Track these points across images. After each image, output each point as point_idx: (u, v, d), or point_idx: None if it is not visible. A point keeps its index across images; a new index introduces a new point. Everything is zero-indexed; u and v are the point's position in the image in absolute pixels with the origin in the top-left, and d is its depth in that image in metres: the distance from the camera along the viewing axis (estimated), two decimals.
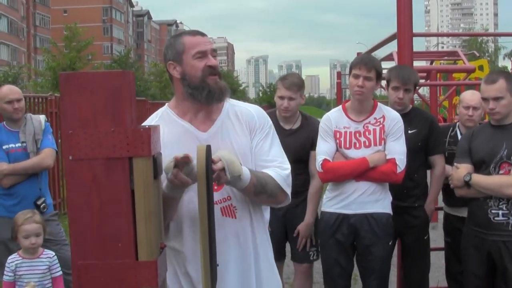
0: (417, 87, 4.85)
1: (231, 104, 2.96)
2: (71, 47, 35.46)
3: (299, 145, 4.74)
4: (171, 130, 2.78)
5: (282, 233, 5.11)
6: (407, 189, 4.69)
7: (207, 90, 2.76)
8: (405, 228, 4.74)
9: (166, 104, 3.00)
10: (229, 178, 2.54)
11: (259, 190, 2.77)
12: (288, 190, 2.95)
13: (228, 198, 2.82)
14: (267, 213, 3.08)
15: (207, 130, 2.84)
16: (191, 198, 2.73)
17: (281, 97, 4.91)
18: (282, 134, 4.91)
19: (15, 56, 69.94)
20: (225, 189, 2.80)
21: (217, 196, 2.75)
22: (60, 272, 4.46)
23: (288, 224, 5.08)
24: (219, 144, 2.76)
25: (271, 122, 3.03)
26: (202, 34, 2.84)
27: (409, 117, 4.73)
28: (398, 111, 4.67)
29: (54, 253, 4.47)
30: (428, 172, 4.89)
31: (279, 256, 5.28)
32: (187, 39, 2.81)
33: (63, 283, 4.50)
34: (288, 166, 2.97)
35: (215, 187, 2.69)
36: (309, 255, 5.10)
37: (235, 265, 2.83)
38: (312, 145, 4.82)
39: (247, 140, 2.89)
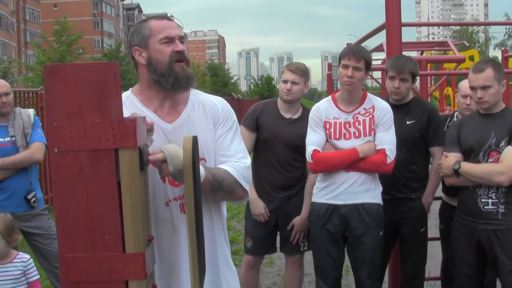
0: (415, 77, 4.80)
1: (195, 95, 2.88)
2: (61, 41, 35.25)
3: (297, 135, 4.73)
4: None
5: (273, 225, 5.10)
6: (404, 180, 4.70)
7: (173, 77, 2.67)
8: (401, 219, 4.75)
9: (130, 89, 2.87)
10: (171, 170, 2.38)
11: (215, 187, 2.65)
12: (247, 186, 2.84)
13: None
14: (225, 209, 3.00)
15: (173, 122, 2.75)
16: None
17: (285, 81, 4.91)
18: (282, 122, 4.93)
19: (5, 51, 69.58)
20: None
21: (177, 191, 2.70)
22: (37, 276, 4.16)
23: (281, 216, 5.05)
24: (184, 136, 2.53)
25: (235, 116, 2.95)
26: (169, 19, 2.76)
27: (408, 108, 4.74)
28: (396, 101, 4.67)
29: (29, 257, 4.17)
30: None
31: (270, 249, 5.28)
32: (154, 23, 2.72)
33: (40, 287, 4.24)
34: (248, 161, 2.88)
35: (176, 183, 2.63)
36: (300, 246, 5.08)
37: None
38: None
39: (212, 133, 2.82)
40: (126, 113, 2.42)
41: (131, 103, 2.76)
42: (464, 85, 5.00)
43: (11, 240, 4.09)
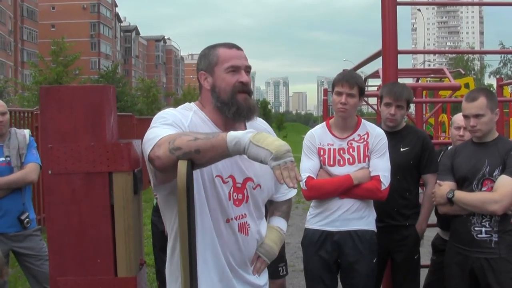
0: (410, 104, 4.82)
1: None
2: (58, 62, 35.30)
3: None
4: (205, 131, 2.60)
5: None
6: (398, 208, 4.69)
7: (235, 107, 2.69)
8: (395, 247, 4.74)
9: (194, 104, 2.84)
10: (268, 262, 2.91)
11: None
12: None
13: (244, 215, 2.77)
14: None
15: None
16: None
17: None
18: None
19: (1, 71, 69.56)
20: (244, 206, 2.78)
21: (237, 211, 2.74)
22: None
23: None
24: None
25: None
26: (238, 48, 2.77)
27: (401, 135, 4.75)
28: (390, 128, 4.68)
29: None
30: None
31: None
32: (222, 51, 2.74)
33: None
34: None
35: (236, 203, 2.72)
36: (279, 271, 5.00)
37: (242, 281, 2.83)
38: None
39: None
40: (197, 121, 2.64)
41: (201, 115, 2.77)
42: (457, 117, 5.02)
43: (3, 275, 3.59)
